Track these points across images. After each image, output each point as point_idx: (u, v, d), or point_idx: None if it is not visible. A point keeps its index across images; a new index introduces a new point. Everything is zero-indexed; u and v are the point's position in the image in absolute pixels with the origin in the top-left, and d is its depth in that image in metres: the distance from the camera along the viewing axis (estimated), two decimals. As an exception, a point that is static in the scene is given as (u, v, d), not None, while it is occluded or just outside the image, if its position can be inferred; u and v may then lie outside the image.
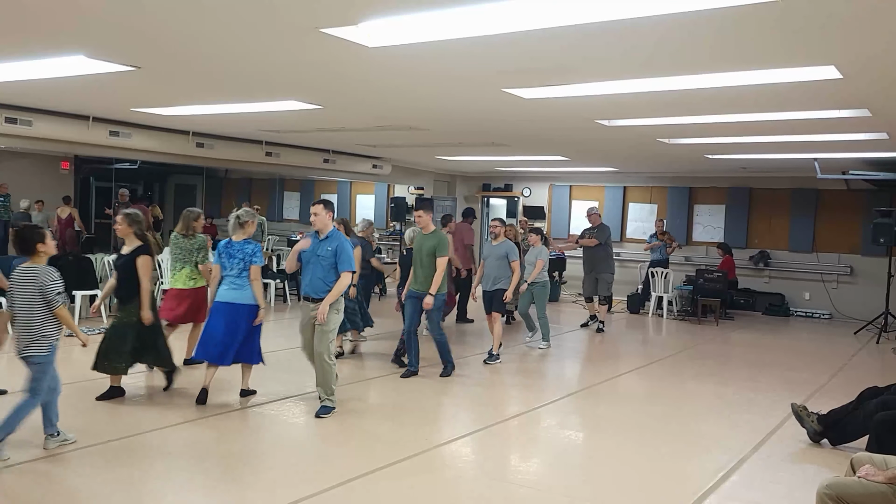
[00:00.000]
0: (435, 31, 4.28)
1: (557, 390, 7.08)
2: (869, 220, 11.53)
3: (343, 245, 5.79)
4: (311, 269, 5.83)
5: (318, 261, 5.78)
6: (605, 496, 4.43)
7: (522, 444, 5.54)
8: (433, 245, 7.05)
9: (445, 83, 5.94)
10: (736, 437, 5.62)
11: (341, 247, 5.77)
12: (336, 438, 5.32)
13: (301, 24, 4.23)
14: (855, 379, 7.54)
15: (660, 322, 12.08)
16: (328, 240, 5.81)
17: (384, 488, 4.36)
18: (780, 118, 6.92)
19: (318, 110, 7.65)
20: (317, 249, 5.81)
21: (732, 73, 5.14)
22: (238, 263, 5.91)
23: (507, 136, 9.37)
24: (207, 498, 4.21)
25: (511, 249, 8.15)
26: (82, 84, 6.51)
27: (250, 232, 6.10)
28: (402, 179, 15.51)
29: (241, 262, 5.90)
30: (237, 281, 5.91)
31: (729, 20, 3.89)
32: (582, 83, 5.69)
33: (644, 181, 14.81)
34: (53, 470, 4.47)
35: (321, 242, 5.82)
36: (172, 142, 10.18)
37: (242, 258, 5.91)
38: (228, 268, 5.94)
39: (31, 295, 4.54)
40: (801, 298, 13.39)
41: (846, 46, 4.35)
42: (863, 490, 3.33)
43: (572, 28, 4.08)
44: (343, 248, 5.78)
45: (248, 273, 5.91)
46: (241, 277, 5.91)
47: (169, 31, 4.58)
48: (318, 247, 5.81)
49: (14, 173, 14.25)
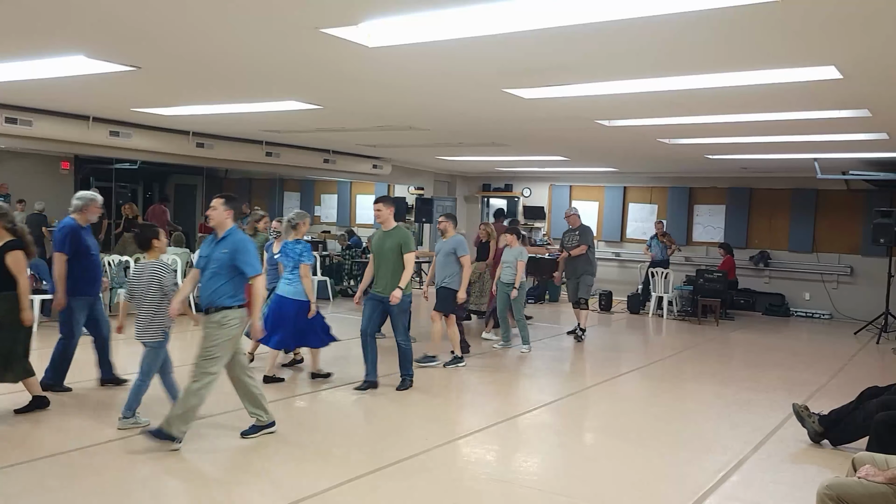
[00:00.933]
0: (435, 31, 4.28)
1: (558, 390, 7.08)
2: (869, 221, 11.54)
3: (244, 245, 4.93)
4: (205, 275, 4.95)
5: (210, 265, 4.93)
6: (605, 496, 4.43)
7: (522, 443, 5.54)
8: (397, 242, 6.47)
9: (445, 83, 5.94)
10: (736, 437, 5.61)
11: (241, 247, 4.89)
12: (336, 438, 5.33)
13: (301, 24, 4.23)
14: (855, 379, 7.54)
15: (660, 322, 12.08)
16: (225, 240, 4.92)
17: (385, 488, 4.36)
18: (780, 118, 6.92)
19: (318, 110, 7.65)
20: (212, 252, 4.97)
21: (732, 73, 5.14)
22: (291, 262, 6.51)
23: (507, 136, 9.37)
24: (208, 498, 4.20)
25: (459, 244, 7.61)
26: (82, 84, 6.51)
27: (303, 232, 6.71)
28: (403, 179, 15.51)
29: (292, 261, 6.51)
30: (289, 277, 6.56)
31: (729, 20, 3.88)
32: (582, 83, 5.69)
33: (644, 181, 14.81)
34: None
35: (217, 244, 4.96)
36: (172, 142, 10.18)
37: (293, 257, 6.50)
38: (286, 265, 6.60)
39: (150, 286, 5.12)
40: (801, 299, 13.39)
41: (846, 46, 4.35)
42: (863, 490, 3.32)
43: (572, 28, 4.08)
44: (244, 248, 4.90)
45: (298, 271, 6.53)
46: (292, 274, 6.53)
47: (169, 31, 4.58)
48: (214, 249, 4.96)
49: (14, 173, 14.24)
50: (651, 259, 13.00)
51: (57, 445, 4.81)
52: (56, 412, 5.49)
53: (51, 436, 5.05)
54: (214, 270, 4.85)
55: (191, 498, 4.24)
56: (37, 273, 9.08)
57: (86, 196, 6.11)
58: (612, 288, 13.70)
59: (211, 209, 4.95)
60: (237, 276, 4.86)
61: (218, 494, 4.26)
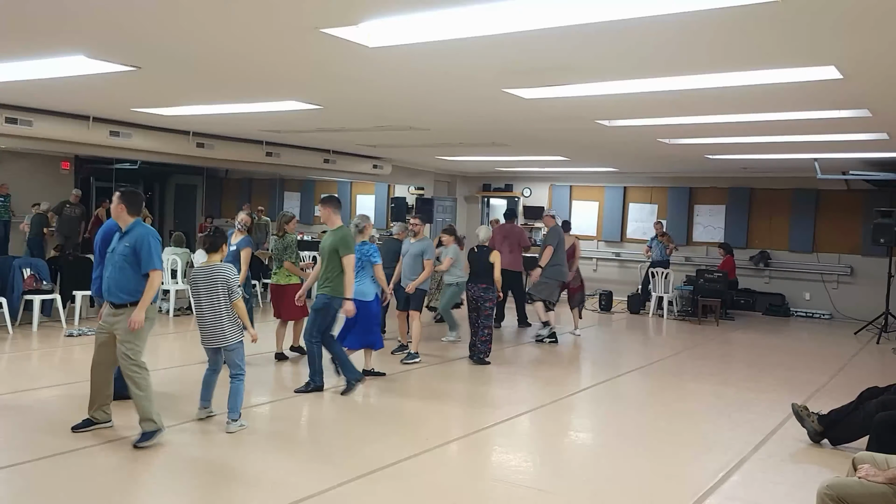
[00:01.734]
0: (435, 31, 4.28)
1: (557, 390, 7.08)
2: (869, 221, 11.54)
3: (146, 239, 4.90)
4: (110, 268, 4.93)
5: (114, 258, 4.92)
6: (605, 496, 4.43)
7: (523, 444, 5.54)
8: (334, 242, 6.24)
9: (445, 83, 5.94)
10: (736, 437, 5.61)
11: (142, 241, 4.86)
12: (333, 439, 5.33)
13: (301, 24, 4.23)
14: (855, 379, 7.53)
15: (660, 322, 12.08)
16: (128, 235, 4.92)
17: (385, 488, 4.36)
18: (780, 118, 6.92)
19: (319, 110, 7.65)
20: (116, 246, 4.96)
21: (732, 73, 5.14)
22: (357, 263, 6.47)
23: (507, 136, 9.37)
24: (209, 498, 4.21)
25: (428, 248, 7.99)
26: (82, 84, 6.52)
27: (368, 234, 6.96)
28: (403, 180, 15.50)
29: (359, 262, 6.58)
30: (356, 278, 6.50)
31: (729, 20, 3.88)
32: (582, 83, 5.69)
33: (644, 181, 14.81)
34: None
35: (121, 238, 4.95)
36: (173, 142, 10.18)
37: (360, 258, 6.62)
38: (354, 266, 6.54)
39: (216, 289, 5.21)
40: (801, 299, 13.39)
41: (846, 46, 4.35)
42: (863, 490, 3.32)
43: (572, 28, 4.08)
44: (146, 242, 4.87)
45: (365, 272, 6.75)
46: (359, 275, 6.61)
47: (169, 31, 4.58)
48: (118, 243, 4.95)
49: (14, 174, 14.24)
50: (651, 259, 13.00)
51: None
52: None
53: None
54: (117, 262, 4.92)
55: (189, 498, 4.24)
56: (37, 273, 9.09)
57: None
58: (613, 288, 13.70)
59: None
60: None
61: (218, 494, 4.26)
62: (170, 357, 7.97)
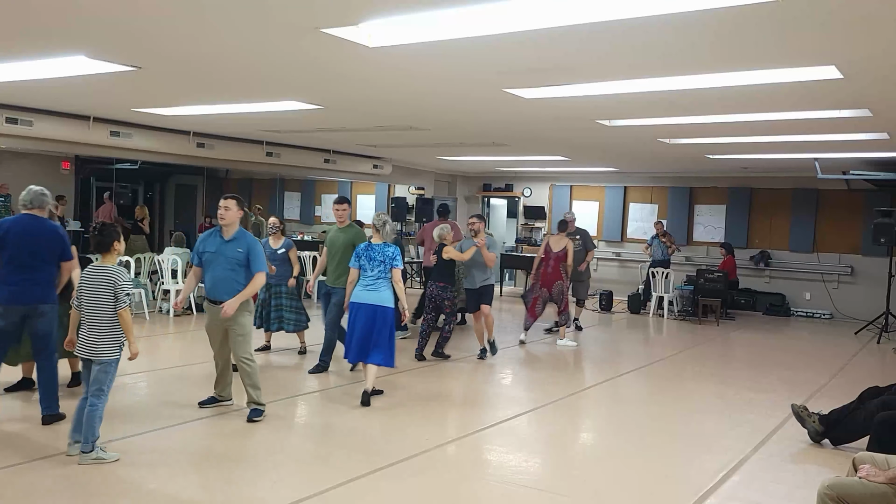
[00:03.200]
0: (435, 31, 4.28)
1: (557, 390, 7.08)
2: (869, 220, 11.53)
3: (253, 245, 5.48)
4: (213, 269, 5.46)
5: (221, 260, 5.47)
6: (605, 496, 4.42)
7: (523, 444, 5.53)
8: (351, 238, 6.85)
9: (445, 83, 5.94)
10: (736, 437, 5.61)
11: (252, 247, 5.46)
12: (336, 438, 5.32)
13: (301, 24, 4.23)
14: (855, 379, 7.53)
15: (660, 322, 12.08)
16: (235, 241, 5.46)
17: (385, 488, 4.36)
18: (781, 118, 6.92)
19: (319, 110, 7.65)
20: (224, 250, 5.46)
21: (732, 73, 5.14)
22: (378, 266, 6.06)
23: (507, 136, 9.37)
24: (209, 498, 4.20)
25: (490, 244, 8.20)
26: (83, 84, 6.52)
27: (391, 236, 6.32)
28: (403, 179, 15.51)
29: (380, 265, 6.06)
30: (375, 283, 6.06)
31: (729, 20, 3.88)
32: (582, 83, 5.69)
33: (644, 181, 14.81)
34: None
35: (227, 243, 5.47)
36: (173, 142, 10.19)
37: (382, 260, 6.07)
38: (368, 269, 6.10)
39: (104, 295, 4.48)
40: (801, 298, 13.39)
41: (846, 46, 4.35)
42: (864, 490, 3.32)
43: (573, 28, 4.08)
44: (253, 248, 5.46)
45: (385, 276, 6.08)
46: (378, 280, 6.06)
47: (169, 31, 4.58)
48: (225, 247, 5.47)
49: (14, 173, 14.24)
50: (651, 259, 13.00)
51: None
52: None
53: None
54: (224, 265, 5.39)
55: (188, 498, 4.23)
56: None
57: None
58: (613, 288, 13.70)
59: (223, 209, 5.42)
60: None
61: (217, 494, 4.26)
62: (169, 357, 7.97)
